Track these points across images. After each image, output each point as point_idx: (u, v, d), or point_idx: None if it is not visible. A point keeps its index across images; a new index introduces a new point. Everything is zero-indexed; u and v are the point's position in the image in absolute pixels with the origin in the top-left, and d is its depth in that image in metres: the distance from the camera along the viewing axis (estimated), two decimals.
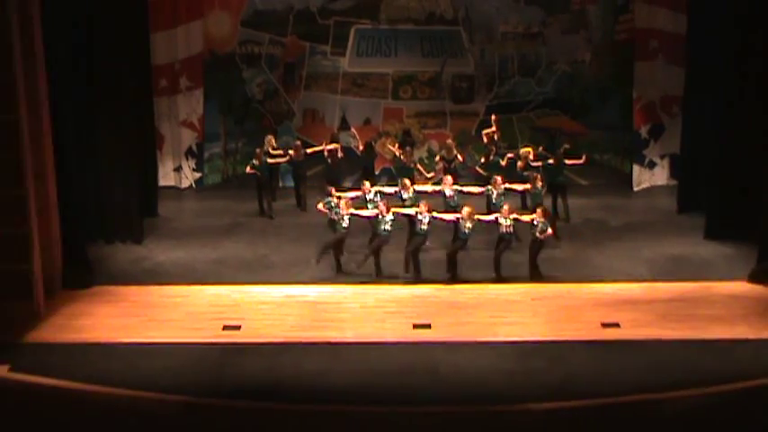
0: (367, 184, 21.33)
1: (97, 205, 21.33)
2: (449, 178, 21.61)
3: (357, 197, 20.91)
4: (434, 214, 19.66)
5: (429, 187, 21.84)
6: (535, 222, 19.45)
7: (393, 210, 19.64)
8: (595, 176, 25.55)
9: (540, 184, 21.53)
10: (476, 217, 19.45)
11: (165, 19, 24.94)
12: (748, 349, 16.30)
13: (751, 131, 20.38)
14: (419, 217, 19.49)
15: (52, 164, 18.73)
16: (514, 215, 19.59)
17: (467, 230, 19.42)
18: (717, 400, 14.60)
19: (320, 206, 20.50)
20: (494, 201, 21.11)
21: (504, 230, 19.49)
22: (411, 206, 20.38)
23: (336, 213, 19.74)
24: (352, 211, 19.66)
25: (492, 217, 19.73)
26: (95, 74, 20.69)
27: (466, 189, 21.30)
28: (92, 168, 21.03)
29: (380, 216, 19.51)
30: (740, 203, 20.79)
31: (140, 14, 22.90)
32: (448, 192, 21.11)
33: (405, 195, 21.02)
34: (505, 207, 19.67)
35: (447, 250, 19.77)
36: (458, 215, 19.54)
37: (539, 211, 19.63)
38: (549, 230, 19.45)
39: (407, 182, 21.37)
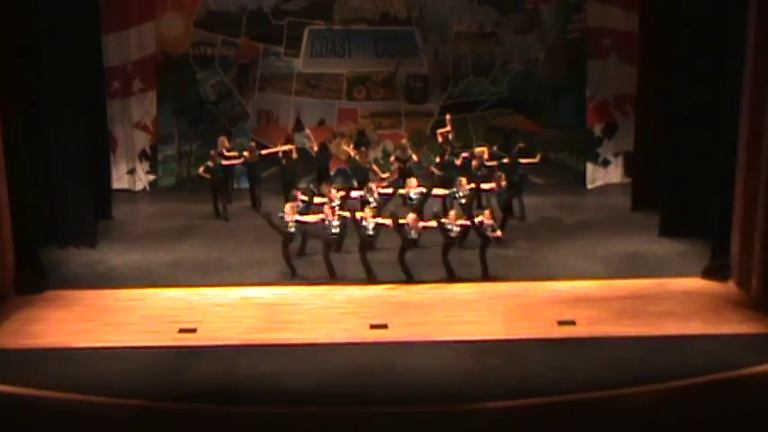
0: (414, 180, 21.43)
1: (50, 209, 21.12)
2: (413, 181, 21.59)
3: (361, 197, 21.08)
4: (379, 220, 19.61)
5: (390, 189, 21.80)
6: (484, 224, 19.42)
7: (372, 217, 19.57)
8: (550, 175, 25.67)
9: (504, 183, 21.55)
10: (421, 225, 19.41)
11: (117, 20, 24.72)
12: (703, 345, 16.41)
13: (703, 129, 20.57)
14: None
15: (3, 167, 18.50)
16: (461, 221, 19.52)
17: (414, 236, 19.38)
18: (672, 396, 14.71)
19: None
20: (461, 203, 21.09)
21: (452, 236, 19.42)
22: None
23: (281, 219, 19.59)
24: (297, 217, 19.56)
25: (434, 224, 19.64)
26: (46, 76, 20.46)
27: (435, 192, 21.34)
28: (44, 172, 20.82)
29: (327, 221, 19.43)
30: (693, 201, 20.95)
31: (91, 16, 22.71)
32: (413, 194, 21.15)
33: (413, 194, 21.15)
34: (452, 213, 19.60)
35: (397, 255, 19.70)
36: (403, 221, 19.47)
37: (486, 212, 19.60)
38: (499, 232, 19.47)
39: (414, 181, 21.48)
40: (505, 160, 23.33)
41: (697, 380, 15.00)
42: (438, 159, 24.39)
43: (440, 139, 24.69)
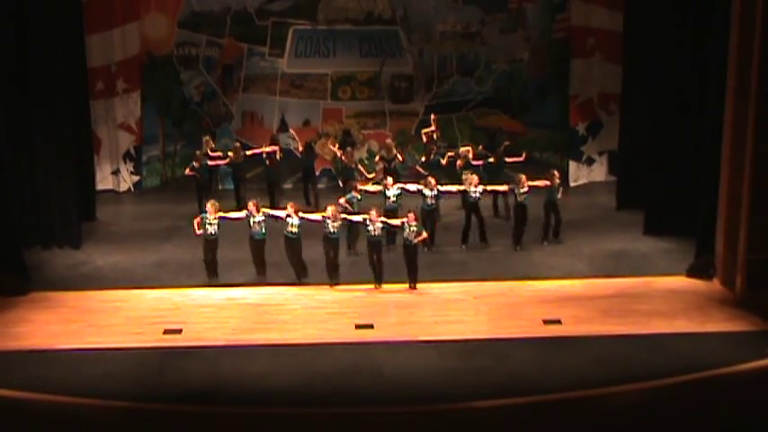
0: (390, 179, 21.34)
1: (34, 210, 21.04)
2: (389, 179, 21.56)
3: (377, 192, 21.11)
4: (301, 214, 19.43)
5: (373, 188, 21.73)
6: (405, 226, 19.34)
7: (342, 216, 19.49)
8: (534, 174, 25.64)
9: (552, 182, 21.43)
10: (342, 216, 19.36)
11: (101, 21, 24.63)
12: (688, 343, 16.46)
13: (687, 128, 20.61)
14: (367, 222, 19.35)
15: None
16: (383, 218, 19.41)
17: (334, 230, 19.25)
18: (658, 395, 14.74)
19: (342, 201, 20.44)
20: (428, 203, 21.00)
21: (373, 233, 19.28)
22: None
23: (204, 218, 19.55)
24: (221, 214, 19.51)
25: (360, 218, 19.56)
26: (30, 76, 20.38)
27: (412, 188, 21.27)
28: (28, 173, 20.74)
29: (250, 216, 19.37)
30: (678, 199, 20.99)
31: (75, 16, 22.63)
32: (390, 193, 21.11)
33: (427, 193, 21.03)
34: (373, 211, 19.50)
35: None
36: (324, 215, 19.47)
37: (410, 215, 19.54)
38: (424, 234, 19.39)
39: (432, 180, 21.33)
40: (491, 159, 23.35)
41: (683, 378, 15.03)
42: (423, 159, 24.40)
43: (425, 139, 24.72)
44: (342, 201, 20.49)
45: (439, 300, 18.60)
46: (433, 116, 24.95)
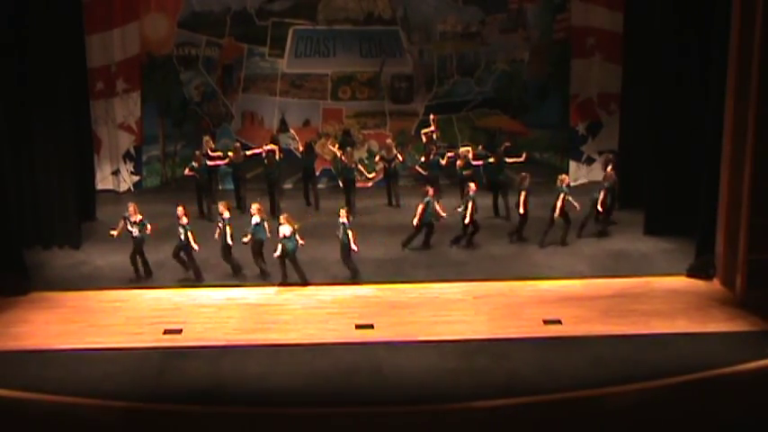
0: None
1: (34, 210, 21.04)
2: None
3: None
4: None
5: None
6: (341, 222, 19.42)
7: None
8: (535, 174, 25.63)
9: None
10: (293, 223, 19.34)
11: (101, 21, 24.65)
12: (688, 343, 16.46)
13: (687, 128, 20.61)
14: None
15: None
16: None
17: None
18: (659, 395, 14.73)
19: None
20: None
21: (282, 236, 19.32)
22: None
23: (125, 218, 19.65)
24: (140, 217, 19.57)
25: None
26: (30, 76, 20.38)
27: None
28: (28, 173, 20.74)
29: (179, 221, 19.45)
30: (678, 199, 20.99)
31: (75, 16, 22.62)
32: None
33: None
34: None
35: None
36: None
37: (342, 211, 19.58)
38: (301, 241, 19.41)
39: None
40: (491, 159, 23.36)
41: (683, 378, 15.03)
42: (422, 159, 24.41)
43: (424, 139, 24.73)
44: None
45: (439, 300, 18.60)
46: (432, 116, 24.96)
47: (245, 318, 17.85)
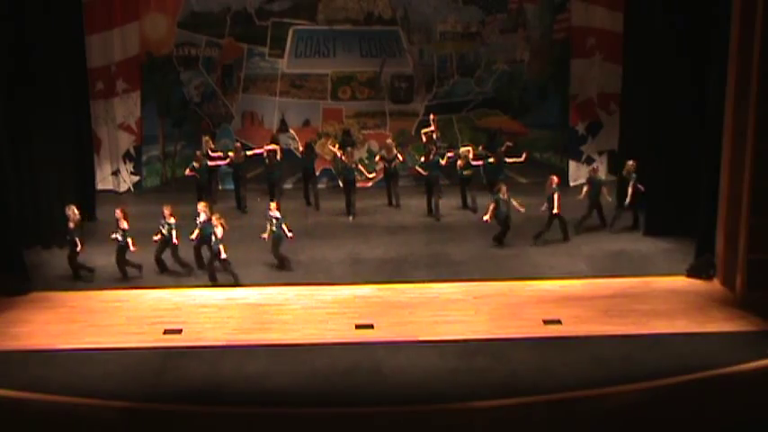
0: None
1: (34, 210, 21.04)
2: None
3: None
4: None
5: None
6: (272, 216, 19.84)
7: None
8: (534, 174, 25.68)
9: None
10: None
11: (101, 21, 24.67)
12: (688, 343, 16.45)
13: (687, 128, 20.61)
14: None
15: None
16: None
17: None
18: (659, 394, 14.73)
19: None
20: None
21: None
22: None
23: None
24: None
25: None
26: (30, 76, 20.38)
27: None
28: (28, 173, 20.74)
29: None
30: (678, 199, 20.99)
31: (75, 16, 22.63)
32: None
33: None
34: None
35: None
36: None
37: (272, 204, 19.99)
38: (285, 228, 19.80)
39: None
40: (491, 159, 23.38)
41: (683, 378, 15.02)
42: (422, 159, 24.41)
43: (424, 139, 24.74)
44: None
45: (439, 300, 18.59)
46: (432, 116, 24.97)
47: (245, 318, 17.85)
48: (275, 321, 17.72)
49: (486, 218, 21.11)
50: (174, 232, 19.60)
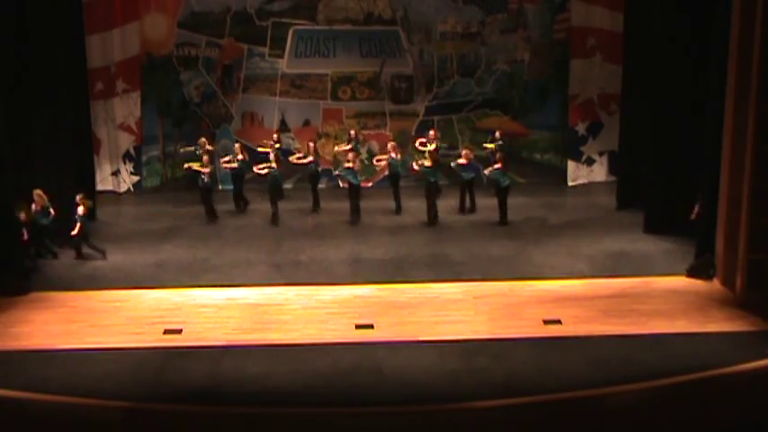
0: None
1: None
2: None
3: None
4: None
5: None
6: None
7: None
8: (533, 174, 25.72)
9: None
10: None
11: (100, 21, 24.69)
12: (688, 343, 16.42)
13: (687, 128, 20.62)
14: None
15: None
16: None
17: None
18: (659, 395, 14.72)
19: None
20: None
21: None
22: None
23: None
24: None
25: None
26: (29, 77, 20.37)
27: None
28: (27, 173, 20.72)
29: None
30: (678, 199, 20.99)
31: (75, 16, 22.64)
32: None
33: None
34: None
35: None
36: None
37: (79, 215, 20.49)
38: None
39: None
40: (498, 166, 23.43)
41: (683, 378, 15.00)
42: (423, 163, 24.35)
43: (418, 147, 24.65)
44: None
45: (439, 300, 18.58)
46: (431, 132, 24.75)
47: (245, 318, 17.83)
48: (275, 321, 17.70)
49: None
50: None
